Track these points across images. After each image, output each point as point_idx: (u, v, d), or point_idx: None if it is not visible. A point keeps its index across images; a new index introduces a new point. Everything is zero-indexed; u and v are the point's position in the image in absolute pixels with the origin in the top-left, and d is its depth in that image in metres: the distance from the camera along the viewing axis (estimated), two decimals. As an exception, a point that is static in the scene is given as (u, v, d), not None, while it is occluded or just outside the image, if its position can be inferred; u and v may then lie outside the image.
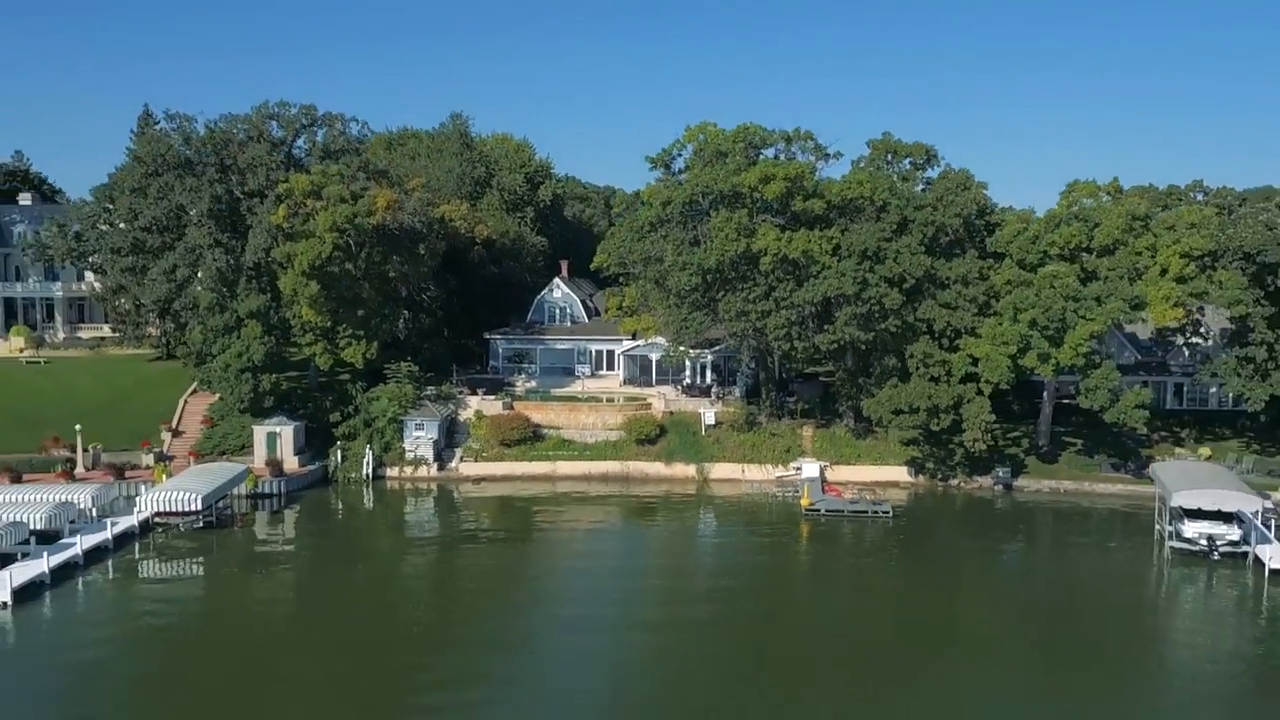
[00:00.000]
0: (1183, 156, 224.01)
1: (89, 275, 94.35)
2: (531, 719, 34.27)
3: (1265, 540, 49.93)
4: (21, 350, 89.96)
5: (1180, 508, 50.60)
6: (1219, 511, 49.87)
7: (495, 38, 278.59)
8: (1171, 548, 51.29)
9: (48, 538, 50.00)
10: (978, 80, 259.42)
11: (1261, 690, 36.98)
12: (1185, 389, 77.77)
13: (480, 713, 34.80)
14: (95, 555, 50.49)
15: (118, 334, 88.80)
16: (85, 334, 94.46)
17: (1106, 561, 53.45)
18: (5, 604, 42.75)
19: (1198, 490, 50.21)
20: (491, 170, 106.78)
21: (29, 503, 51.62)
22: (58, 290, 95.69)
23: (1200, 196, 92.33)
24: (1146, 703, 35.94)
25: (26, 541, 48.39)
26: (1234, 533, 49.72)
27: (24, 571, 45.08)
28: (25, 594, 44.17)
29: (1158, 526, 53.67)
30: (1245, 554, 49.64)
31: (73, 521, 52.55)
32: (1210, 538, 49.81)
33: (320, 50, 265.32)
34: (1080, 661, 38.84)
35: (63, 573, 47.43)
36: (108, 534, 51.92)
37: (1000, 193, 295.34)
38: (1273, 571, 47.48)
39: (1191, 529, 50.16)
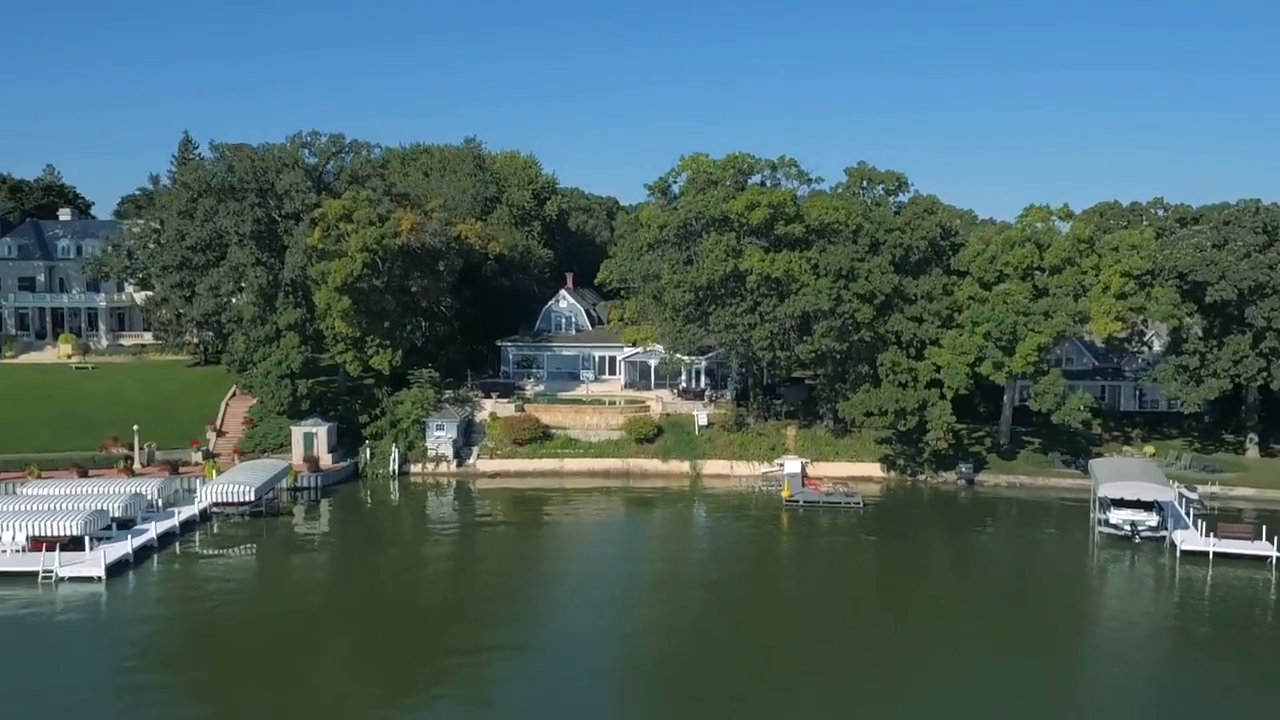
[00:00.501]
0: (1166, 168, 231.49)
1: (128, 287, 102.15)
2: (543, 680, 40.63)
3: (1181, 526, 57.51)
4: (69, 356, 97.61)
5: (1107, 498, 58.20)
6: (1140, 501, 57.41)
7: (500, 46, 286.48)
8: (1101, 532, 58.85)
9: (124, 524, 57.58)
10: (971, 87, 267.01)
11: (1173, 651, 44.60)
12: (1139, 392, 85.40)
13: (495, 673, 41.64)
14: (166, 539, 58.12)
15: (159, 341, 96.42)
16: (127, 341, 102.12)
17: (1048, 545, 61.08)
18: (100, 577, 50.36)
19: (1122, 483, 57.84)
20: (502, 187, 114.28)
21: (106, 494, 59.14)
22: (101, 301, 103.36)
23: (1161, 213, 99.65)
24: (1073, 658, 43.25)
25: (109, 527, 55.94)
26: (1153, 519, 57.25)
27: (112, 552, 52.68)
28: (114, 570, 51.74)
29: (1092, 515, 61.12)
30: (1163, 538, 57.13)
31: (145, 510, 60.18)
32: (1133, 523, 57.39)
33: (330, 54, 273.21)
34: (1018, 628, 46.62)
35: (141, 553, 55.07)
36: (175, 521, 59.60)
37: (991, 204, 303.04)
38: (1184, 552, 55.03)
39: (1117, 516, 57.76)
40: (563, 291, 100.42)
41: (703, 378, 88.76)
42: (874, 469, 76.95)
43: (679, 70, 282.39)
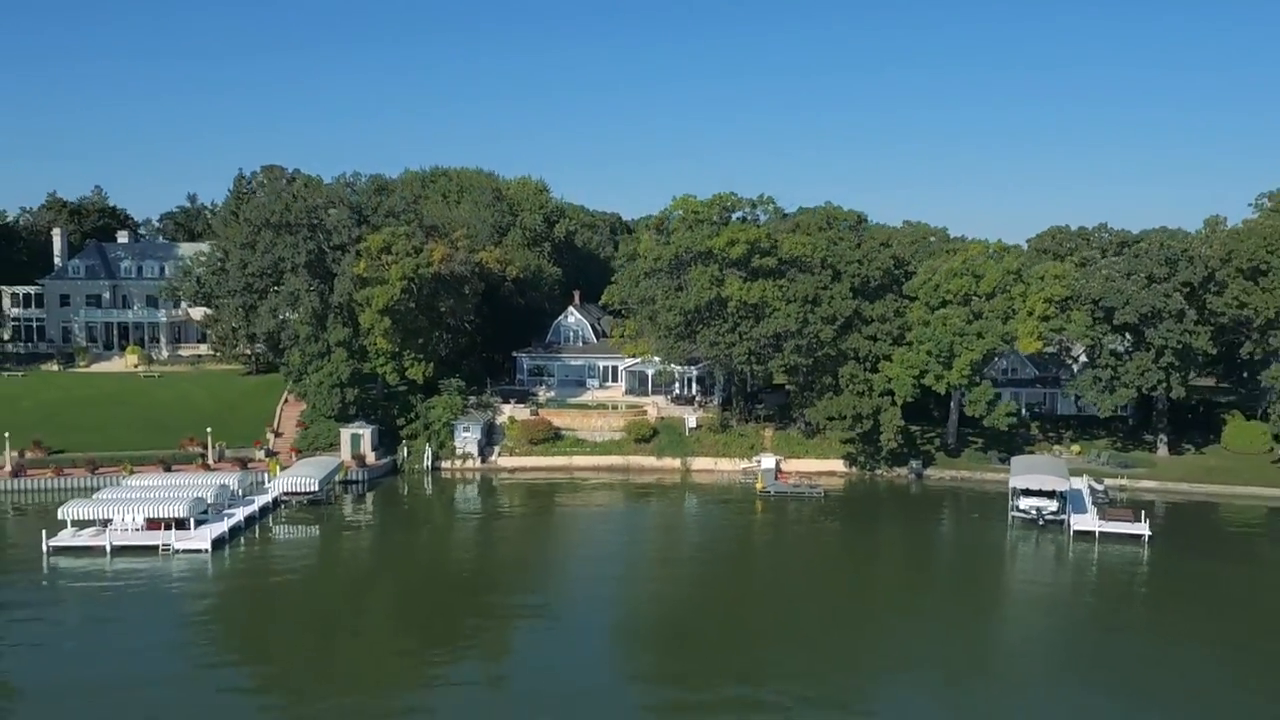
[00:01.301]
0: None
1: (183, 304, 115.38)
2: (556, 634, 51.84)
3: (1078, 511, 70.30)
4: (136, 366, 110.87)
5: (1018, 488, 71.03)
6: (1043, 490, 70.19)
7: (504, 51, 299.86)
8: (1014, 517, 71.62)
9: (214, 509, 70.54)
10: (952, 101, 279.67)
11: (1064, 607, 57.22)
12: (1076, 398, 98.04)
13: (515, 628, 53.44)
14: (249, 521, 71.06)
15: (215, 352, 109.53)
16: (185, 352, 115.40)
17: (974, 527, 73.86)
18: (206, 549, 63.38)
19: (1030, 475, 70.72)
20: (515, 212, 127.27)
21: (199, 485, 72.14)
22: (161, 316, 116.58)
23: (1106, 235, 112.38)
24: (986, 610, 56.03)
25: (205, 511, 68.91)
26: (1053, 505, 70.00)
27: (214, 530, 65.73)
28: (215, 544, 64.71)
29: (1010, 502, 73.87)
30: (1062, 521, 69.87)
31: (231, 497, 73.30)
32: (1038, 509, 70.16)
33: (334, 53, 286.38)
34: (944, 590, 59.66)
35: (233, 531, 68.06)
36: (255, 507, 72.62)
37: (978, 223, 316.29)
38: (1076, 532, 67.83)
39: (1025, 503, 70.56)
40: (570, 308, 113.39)
41: (693, 385, 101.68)
42: (838, 465, 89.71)
43: (683, 68, 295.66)
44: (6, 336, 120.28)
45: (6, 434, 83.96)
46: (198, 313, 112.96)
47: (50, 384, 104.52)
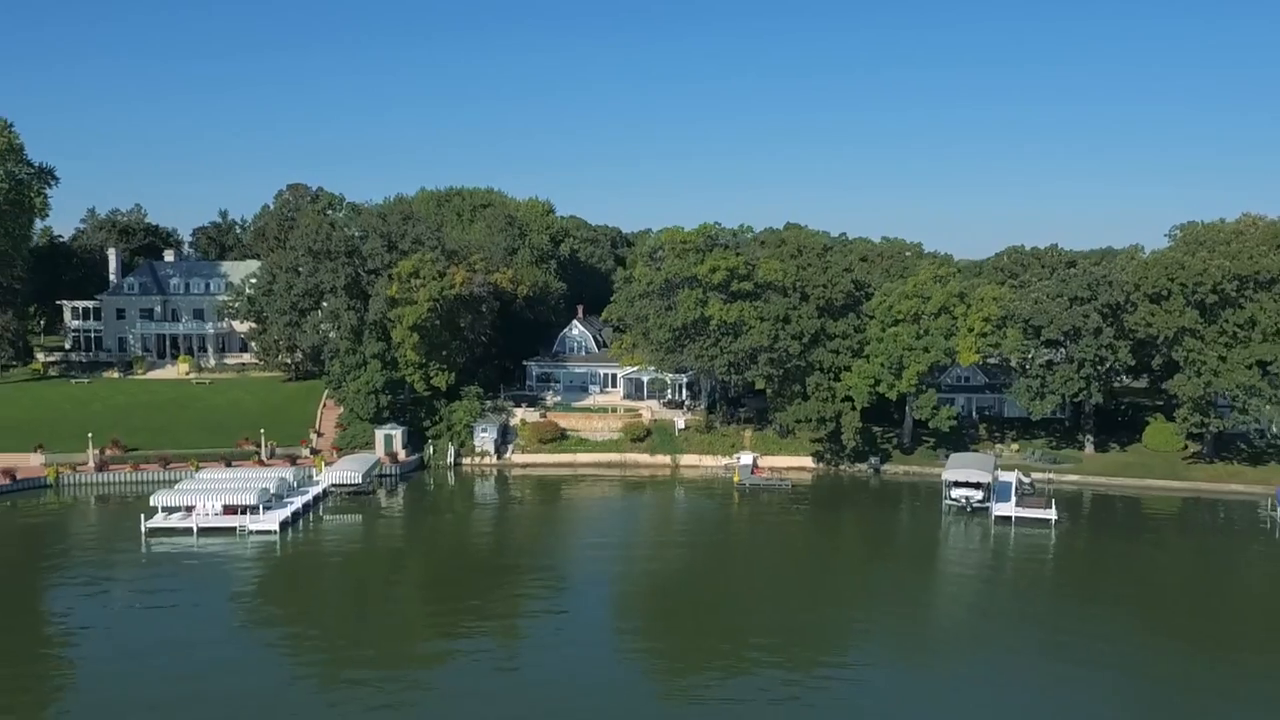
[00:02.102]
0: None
1: (226, 317, 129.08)
2: (563, 600, 65.02)
3: (1002, 499, 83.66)
4: (187, 373, 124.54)
5: (950, 480, 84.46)
6: (970, 482, 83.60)
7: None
8: (946, 505, 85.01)
9: (276, 498, 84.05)
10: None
11: (985, 572, 70.68)
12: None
13: (527, 595, 66.88)
14: (305, 508, 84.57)
15: (260, 361, 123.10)
16: (230, 360, 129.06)
17: (916, 512, 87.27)
18: (275, 531, 76.92)
19: (959, 469, 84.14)
20: (524, 233, 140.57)
21: (263, 478, 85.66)
22: (209, 328, 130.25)
23: (1055, 256, 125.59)
24: (920, 577, 69.48)
25: (270, 501, 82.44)
26: (979, 495, 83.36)
27: (279, 515, 79.32)
28: (281, 527, 78.29)
29: (944, 493, 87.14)
30: (986, 508, 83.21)
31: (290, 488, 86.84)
32: (966, 498, 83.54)
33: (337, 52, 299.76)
34: (886, 564, 73.07)
35: (293, 517, 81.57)
36: (309, 496, 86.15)
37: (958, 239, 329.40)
38: (998, 517, 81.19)
39: (956, 493, 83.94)
40: (574, 321, 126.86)
41: (683, 391, 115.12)
42: (808, 461, 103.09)
43: (679, 70, 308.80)
44: (68, 346, 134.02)
45: (90, 434, 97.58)
46: (241, 325, 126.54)
47: (115, 389, 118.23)
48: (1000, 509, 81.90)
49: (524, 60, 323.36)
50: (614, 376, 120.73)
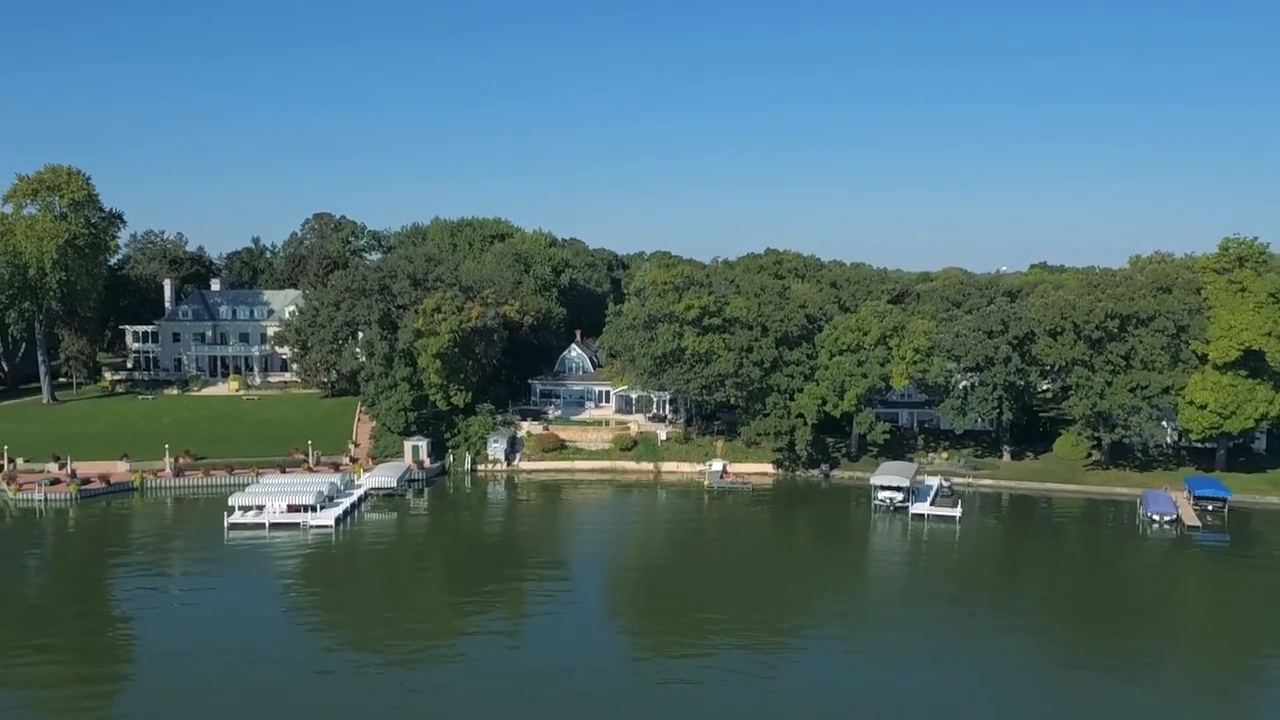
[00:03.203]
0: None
1: (269, 340, 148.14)
2: (565, 582, 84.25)
3: (919, 500, 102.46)
4: (237, 390, 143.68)
5: (876, 484, 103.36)
6: (892, 485, 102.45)
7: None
8: (874, 505, 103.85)
9: (328, 499, 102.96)
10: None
11: (899, 557, 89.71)
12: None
13: (533, 579, 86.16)
14: (351, 507, 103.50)
15: (300, 380, 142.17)
16: (274, 379, 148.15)
17: (852, 511, 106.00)
18: (330, 526, 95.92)
19: (884, 475, 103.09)
20: (528, 265, 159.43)
21: (317, 482, 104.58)
22: (255, 350, 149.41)
23: (1001, 284, 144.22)
24: (851, 561, 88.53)
25: (324, 501, 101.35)
26: (900, 496, 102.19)
27: (333, 512, 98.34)
28: (335, 523, 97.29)
29: (872, 495, 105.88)
30: (906, 508, 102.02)
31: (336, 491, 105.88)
32: (890, 499, 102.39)
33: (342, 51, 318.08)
34: (825, 551, 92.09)
35: (343, 514, 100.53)
36: (354, 498, 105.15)
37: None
38: (913, 515, 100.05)
39: (881, 495, 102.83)
40: (573, 344, 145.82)
41: (666, 407, 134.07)
42: (769, 468, 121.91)
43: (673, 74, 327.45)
44: (130, 365, 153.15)
45: (166, 445, 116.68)
46: (288, 349, 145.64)
47: (177, 405, 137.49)
48: (916, 508, 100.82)
49: (523, 62, 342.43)
50: (607, 394, 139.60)
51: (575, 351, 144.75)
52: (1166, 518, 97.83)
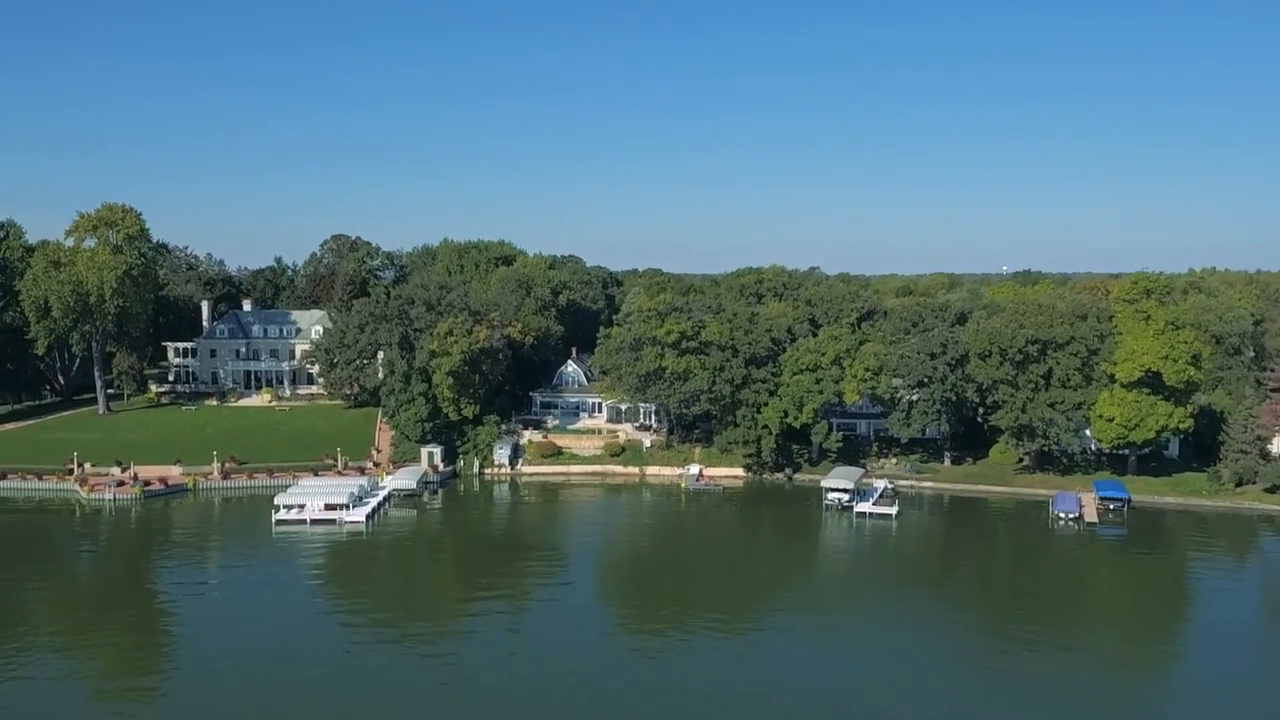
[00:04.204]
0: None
1: (298, 356, 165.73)
2: (561, 568, 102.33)
3: (863, 500, 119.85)
4: (269, 401, 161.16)
5: (826, 486, 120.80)
6: (839, 488, 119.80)
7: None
8: (825, 504, 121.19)
9: (358, 499, 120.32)
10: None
11: (844, 547, 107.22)
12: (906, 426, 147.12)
13: (534, 566, 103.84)
14: (378, 506, 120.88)
15: (326, 392, 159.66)
16: (303, 391, 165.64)
17: (808, 510, 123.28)
18: (362, 521, 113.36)
19: (833, 479, 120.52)
20: (530, 288, 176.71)
21: (348, 484, 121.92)
22: (285, 365, 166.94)
23: (950, 308, 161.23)
24: (804, 554, 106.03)
25: (355, 501, 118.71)
26: (846, 497, 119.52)
27: (364, 510, 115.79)
28: (366, 519, 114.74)
29: (823, 495, 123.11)
30: (851, 506, 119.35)
31: (365, 492, 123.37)
32: (838, 499, 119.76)
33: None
34: (783, 543, 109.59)
35: (372, 512, 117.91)
36: (380, 497, 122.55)
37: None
38: (857, 513, 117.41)
39: (830, 495, 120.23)
40: (570, 360, 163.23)
41: (651, 417, 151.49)
42: (740, 471, 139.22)
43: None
44: (171, 379, 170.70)
45: (214, 451, 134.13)
46: (316, 366, 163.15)
47: (218, 415, 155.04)
48: (860, 507, 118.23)
49: (524, 64, 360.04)
50: (600, 404, 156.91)
51: (571, 367, 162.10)
52: (1071, 515, 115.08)
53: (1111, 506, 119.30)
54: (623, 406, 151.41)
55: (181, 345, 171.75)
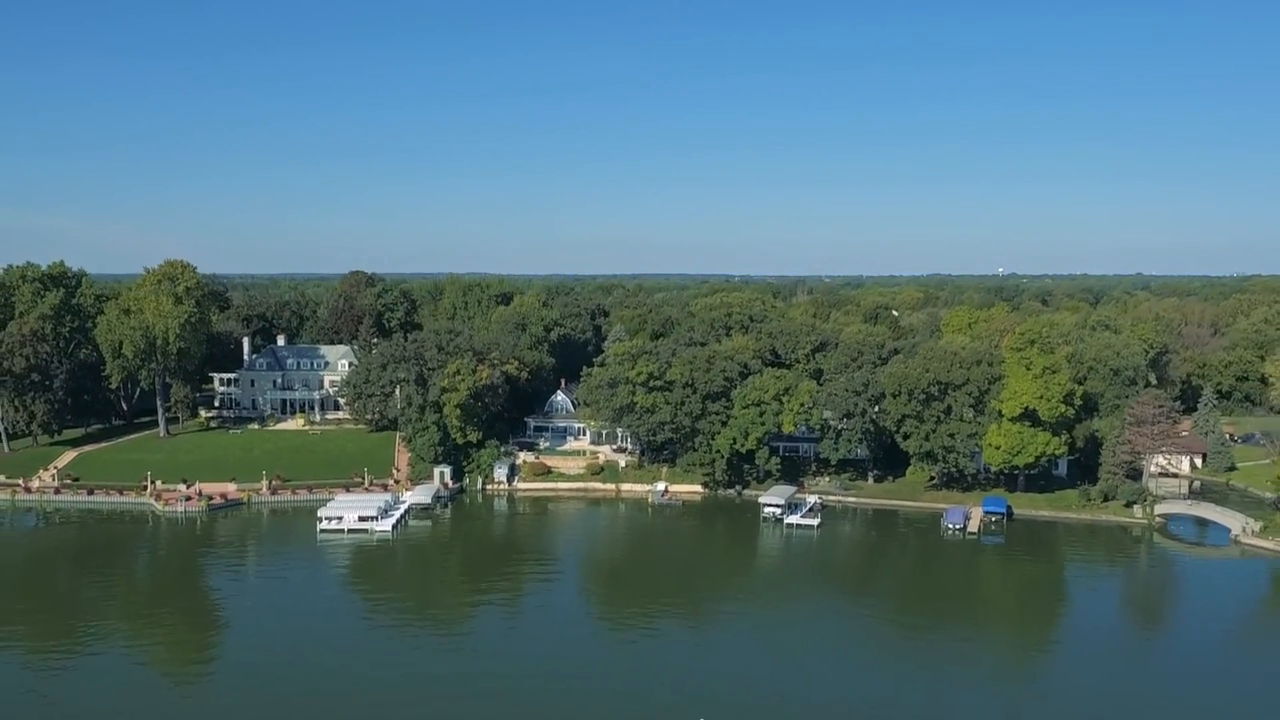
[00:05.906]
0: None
1: (326, 385, 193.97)
2: (551, 569, 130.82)
3: (792, 513, 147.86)
4: (303, 425, 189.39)
5: (763, 502, 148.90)
6: (772, 503, 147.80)
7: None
8: (762, 517, 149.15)
9: (385, 512, 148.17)
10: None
11: (775, 552, 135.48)
12: (837, 449, 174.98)
13: (528, 568, 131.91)
14: (400, 518, 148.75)
15: (352, 417, 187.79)
16: (331, 416, 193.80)
17: (748, 522, 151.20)
18: (389, 531, 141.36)
19: (768, 495, 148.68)
20: (525, 325, 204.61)
21: (377, 499, 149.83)
22: (315, 395, 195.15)
23: (889, 344, 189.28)
24: (742, 559, 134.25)
25: (382, 514, 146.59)
26: (779, 511, 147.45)
27: (390, 521, 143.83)
28: (392, 529, 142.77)
29: (760, 509, 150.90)
30: (782, 519, 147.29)
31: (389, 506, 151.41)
32: (772, 513, 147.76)
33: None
34: (728, 548, 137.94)
35: (397, 523, 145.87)
36: (401, 510, 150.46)
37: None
38: (787, 524, 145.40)
39: (766, 510, 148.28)
40: (559, 390, 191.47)
41: (627, 441, 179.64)
42: (699, 488, 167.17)
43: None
44: (217, 404, 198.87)
45: (263, 470, 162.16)
46: (344, 396, 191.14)
47: (260, 438, 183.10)
48: (790, 519, 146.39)
49: (524, 63, 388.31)
50: (583, 430, 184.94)
51: (560, 396, 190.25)
52: (958, 526, 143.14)
53: (994, 519, 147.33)
54: (603, 431, 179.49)
55: (226, 375, 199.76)
